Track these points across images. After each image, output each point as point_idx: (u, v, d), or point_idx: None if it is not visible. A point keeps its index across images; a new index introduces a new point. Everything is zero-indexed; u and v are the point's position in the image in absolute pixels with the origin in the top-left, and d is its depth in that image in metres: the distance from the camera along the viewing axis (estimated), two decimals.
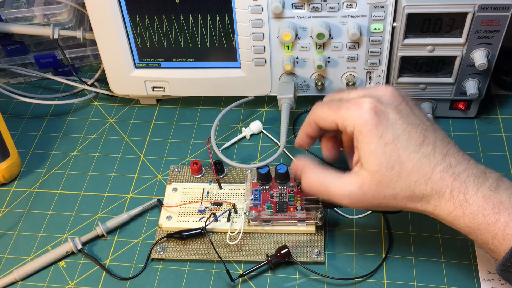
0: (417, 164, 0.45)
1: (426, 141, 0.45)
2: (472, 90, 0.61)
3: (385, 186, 0.45)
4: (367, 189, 0.46)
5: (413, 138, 0.45)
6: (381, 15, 0.59)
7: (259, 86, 0.67)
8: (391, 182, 0.45)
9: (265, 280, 0.56)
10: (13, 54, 0.76)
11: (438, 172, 0.44)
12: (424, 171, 0.45)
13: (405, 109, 0.47)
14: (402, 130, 0.45)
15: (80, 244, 0.59)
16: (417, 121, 0.46)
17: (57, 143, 0.71)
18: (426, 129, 0.46)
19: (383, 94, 0.47)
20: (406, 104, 0.47)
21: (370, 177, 0.46)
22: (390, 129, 0.45)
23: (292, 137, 0.68)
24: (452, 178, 0.44)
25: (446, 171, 0.44)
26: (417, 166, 0.45)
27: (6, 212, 0.64)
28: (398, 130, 0.45)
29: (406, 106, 0.47)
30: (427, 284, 0.54)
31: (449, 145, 0.46)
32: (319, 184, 0.49)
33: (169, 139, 0.70)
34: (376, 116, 0.45)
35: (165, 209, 0.60)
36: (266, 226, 0.57)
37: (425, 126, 0.46)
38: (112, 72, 0.68)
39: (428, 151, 0.45)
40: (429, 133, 0.46)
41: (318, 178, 0.49)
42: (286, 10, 0.59)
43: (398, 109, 0.46)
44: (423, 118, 0.47)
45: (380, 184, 0.45)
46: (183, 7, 0.62)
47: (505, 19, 0.56)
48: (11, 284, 0.57)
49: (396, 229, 0.59)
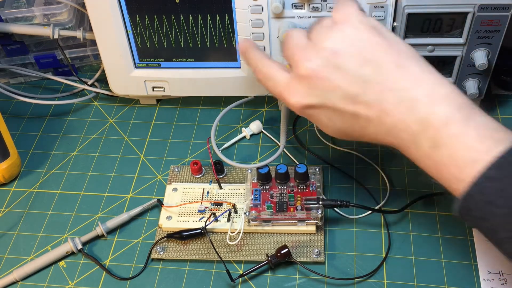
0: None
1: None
2: (472, 90, 0.61)
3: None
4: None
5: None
6: (381, 15, 0.59)
7: (259, 86, 0.67)
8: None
9: (265, 280, 0.56)
10: (13, 54, 0.76)
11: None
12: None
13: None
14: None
15: (80, 244, 0.59)
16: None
17: (57, 143, 0.71)
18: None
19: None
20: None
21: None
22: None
23: (292, 137, 0.68)
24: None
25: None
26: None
27: (6, 212, 0.64)
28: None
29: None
30: (427, 284, 0.54)
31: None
32: (261, 66, 0.51)
33: (169, 139, 0.70)
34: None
35: (165, 209, 0.60)
36: (266, 226, 0.58)
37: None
38: (112, 72, 0.68)
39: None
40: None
41: (262, 66, 0.51)
42: (286, 10, 0.59)
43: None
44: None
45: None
46: (183, 7, 0.62)
47: (505, 19, 0.56)
48: (11, 284, 0.57)
49: (396, 229, 0.59)
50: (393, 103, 0.43)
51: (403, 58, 0.44)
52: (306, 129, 0.69)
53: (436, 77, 0.43)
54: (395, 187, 0.62)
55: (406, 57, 0.44)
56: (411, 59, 0.44)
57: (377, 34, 0.45)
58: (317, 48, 0.45)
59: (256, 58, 0.52)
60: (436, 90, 0.42)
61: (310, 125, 0.69)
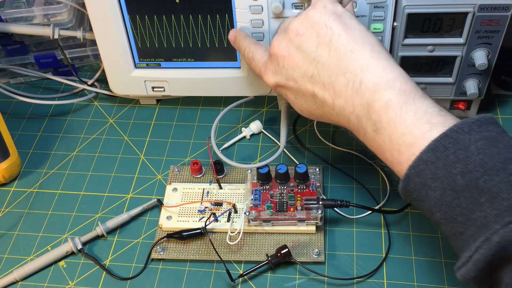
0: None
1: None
2: (472, 90, 0.61)
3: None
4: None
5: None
6: (381, 15, 0.58)
7: (259, 86, 0.67)
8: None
9: (265, 280, 0.56)
10: (13, 54, 0.76)
11: None
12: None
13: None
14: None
15: (80, 244, 0.59)
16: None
17: (57, 143, 0.71)
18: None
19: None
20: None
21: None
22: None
23: (292, 137, 0.68)
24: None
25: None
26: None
27: (6, 212, 0.64)
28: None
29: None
30: (427, 284, 0.54)
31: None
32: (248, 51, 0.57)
33: (169, 139, 0.70)
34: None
35: (165, 209, 0.60)
36: (266, 226, 0.58)
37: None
38: (112, 72, 0.68)
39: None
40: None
41: (249, 50, 0.56)
42: (286, 10, 0.59)
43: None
44: None
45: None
46: (183, 7, 0.62)
47: (505, 19, 0.56)
48: (11, 284, 0.57)
49: (396, 229, 0.59)
50: (343, 86, 0.46)
51: (358, 44, 0.46)
52: (306, 129, 0.69)
53: (386, 63, 0.45)
54: (395, 187, 0.62)
55: (362, 43, 0.46)
56: (365, 45, 0.46)
57: (338, 20, 0.47)
58: (286, 30, 0.50)
59: (244, 43, 0.58)
60: (382, 75, 0.44)
61: (310, 125, 0.69)
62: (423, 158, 0.40)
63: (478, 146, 0.39)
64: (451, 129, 0.40)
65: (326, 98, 0.48)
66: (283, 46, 0.50)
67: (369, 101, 0.44)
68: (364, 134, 0.46)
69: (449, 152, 0.39)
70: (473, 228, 0.38)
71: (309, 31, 0.48)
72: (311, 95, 0.49)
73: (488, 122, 0.41)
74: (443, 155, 0.40)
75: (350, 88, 0.45)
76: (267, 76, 0.53)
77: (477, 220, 0.38)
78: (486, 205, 0.38)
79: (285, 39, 0.50)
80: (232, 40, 0.60)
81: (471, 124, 0.40)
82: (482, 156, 0.39)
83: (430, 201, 0.41)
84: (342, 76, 0.46)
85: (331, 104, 0.47)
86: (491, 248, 0.36)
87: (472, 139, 0.39)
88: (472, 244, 0.38)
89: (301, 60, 0.49)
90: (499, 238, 0.36)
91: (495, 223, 0.37)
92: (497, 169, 0.38)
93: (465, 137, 0.40)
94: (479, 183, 0.38)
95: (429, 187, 0.41)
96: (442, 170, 0.39)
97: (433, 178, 0.40)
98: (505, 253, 0.36)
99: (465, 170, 0.39)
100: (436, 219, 0.42)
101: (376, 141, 0.45)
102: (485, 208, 0.38)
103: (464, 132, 0.40)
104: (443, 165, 0.39)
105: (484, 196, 0.38)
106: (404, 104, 0.43)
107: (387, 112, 0.43)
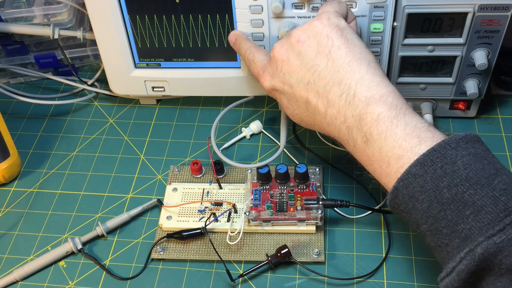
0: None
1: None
2: (472, 90, 0.61)
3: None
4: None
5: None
6: (381, 15, 0.58)
7: (259, 86, 0.67)
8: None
9: (265, 280, 0.56)
10: (13, 54, 0.76)
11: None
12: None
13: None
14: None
15: (80, 244, 0.59)
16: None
17: (57, 143, 0.71)
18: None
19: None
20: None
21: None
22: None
23: (292, 137, 0.68)
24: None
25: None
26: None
27: (6, 212, 0.64)
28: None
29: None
30: (427, 284, 0.54)
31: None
32: (248, 53, 0.58)
33: (169, 139, 0.70)
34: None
35: (165, 209, 0.60)
36: (266, 226, 0.58)
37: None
38: (112, 72, 0.68)
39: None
40: None
41: (249, 52, 0.57)
42: (286, 10, 0.59)
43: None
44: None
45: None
46: (183, 7, 0.62)
47: (505, 19, 0.56)
48: (11, 284, 0.57)
49: (396, 229, 0.59)
50: (337, 96, 0.47)
51: (356, 58, 0.48)
52: (306, 129, 0.69)
53: (380, 80, 0.47)
54: None
55: (360, 58, 0.48)
56: (362, 61, 0.48)
57: (339, 33, 0.49)
58: (289, 36, 0.51)
59: (245, 45, 0.59)
60: (376, 90, 0.46)
61: None
62: (412, 171, 0.42)
63: (465, 162, 0.40)
64: (439, 144, 0.41)
65: (319, 106, 0.49)
66: (284, 51, 0.51)
67: (361, 113, 0.45)
68: (353, 145, 0.47)
69: (437, 166, 0.41)
70: (458, 240, 0.39)
71: (311, 39, 0.49)
72: (305, 101, 0.50)
73: (474, 140, 0.42)
74: (431, 169, 0.41)
75: (343, 99, 0.47)
76: (264, 79, 0.54)
77: (462, 232, 0.39)
78: (470, 217, 0.39)
79: (286, 44, 0.51)
80: (232, 42, 0.61)
81: (458, 141, 0.41)
82: (468, 171, 0.40)
83: (417, 213, 0.42)
84: (337, 87, 0.47)
85: (323, 112, 0.49)
86: (475, 259, 0.38)
87: (459, 154, 0.41)
88: (457, 255, 0.39)
89: (299, 66, 0.50)
90: (483, 250, 0.37)
91: (479, 235, 0.38)
92: (482, 184, 0.39)
93: (452, 153, 0.41)
94: (464, 196, 0.39)
95: (416, 200, 0.42)
96: (430, 183, 0.41)
97: (421, 191, 0.41)
98: (488, 264, 0.38)
99: (451, 184, 0.40)
100: (422, 230, 0.43)
101: (366, 153, 0.46)
102: (470, 221, 0.39)
103: (452, 147, 0.41)
104: (430, 178, 0.41)
105: (469, 209, 0.39)
106: (395, 118, 0.44)
107: (378, 125, 0.44)
